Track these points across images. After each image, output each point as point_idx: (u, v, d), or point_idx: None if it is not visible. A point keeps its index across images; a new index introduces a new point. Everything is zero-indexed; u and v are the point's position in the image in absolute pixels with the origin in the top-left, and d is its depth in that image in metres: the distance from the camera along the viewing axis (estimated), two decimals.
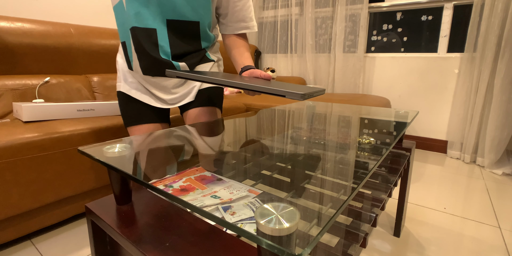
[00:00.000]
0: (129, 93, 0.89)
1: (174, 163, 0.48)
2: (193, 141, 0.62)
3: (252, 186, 0.41)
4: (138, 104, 0.90)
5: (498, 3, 1.64)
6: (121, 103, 0.91)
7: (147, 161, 0.48)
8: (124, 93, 0.90)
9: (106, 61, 1.68)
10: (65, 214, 1.06)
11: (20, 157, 0.88)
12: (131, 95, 0.89)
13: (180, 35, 0.82)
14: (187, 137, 0.64)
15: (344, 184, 0.39)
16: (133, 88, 0.89)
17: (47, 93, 1.38)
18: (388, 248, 0.99)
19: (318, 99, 1.82)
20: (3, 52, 1.30)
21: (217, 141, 0.62)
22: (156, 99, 0.91)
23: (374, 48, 2.30)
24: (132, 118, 0.89)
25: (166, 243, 0.40)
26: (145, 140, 0.61)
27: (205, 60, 0.91)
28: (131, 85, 0.89)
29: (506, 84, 1.67)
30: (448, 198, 1.36)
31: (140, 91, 0.89)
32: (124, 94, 0.90)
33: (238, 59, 0.85)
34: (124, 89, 0.90)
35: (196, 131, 0.70)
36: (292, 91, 0.51)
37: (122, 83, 0.90)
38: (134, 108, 0.89)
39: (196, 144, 0.59)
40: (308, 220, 0.32)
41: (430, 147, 2.14)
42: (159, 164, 0.47)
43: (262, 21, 2.81)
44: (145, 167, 0.46)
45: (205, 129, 0.73)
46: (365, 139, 0.63)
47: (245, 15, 0.87)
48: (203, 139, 0.63)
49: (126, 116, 0.90)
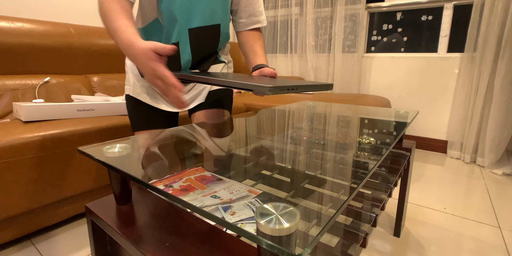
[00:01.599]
0: (138, 97, 0.87)
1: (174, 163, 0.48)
2: (193, 141, 0.62)
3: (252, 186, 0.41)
4: (146, 108, 0.87)
5: (498, 3, 1.64)
6: (130, 106, 0.89)
7: (147, 161, 0.48)
8: (133, 97, 0.88)
9: (106, 61, 1.68)
10: (65, 214, 1.06)
11: (20, 157, 0.88)
12: (141, 99, 0.87)
13: (202, 42, 0.81)
14: (187, 138, 0.64)
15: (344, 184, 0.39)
16: (142, 92, 0.87)
17: (47, 93, 1.38)
18: (388, 248, 0.99)
19: (318, 99, 1.82)
20: (3, 52, 1.30)
21: (217, 141, 0.62)
22: (166, 103, 0.89)
23: (374, 48, 2.30)
24: (141, 123, 0.88)
25: (166, 243, 0.40)
26: (145, 140, 0.61)
27: (216, 62, 0.91)
28: (141, 89, 0.87)
29: (506, 84, 1.67)
30: (448, 198, 1.36)
31: (149, 96, 0.87)
32: (133, 98, 0.88)
33: (250, 58, 0.82)
34: (133, 94, 0.87)
35: (196, 132, 0.70)
36: (260, 85, 0.46)
37: (132, 87, 0.88)
38: (143, 112, 0.87)
39: (196, 144, 0.59)
40: (308, 220, 0.32)
41: (430, 147, 2.14)
42: (159, 164, 0.47)
43: None
44: (145, 167, 0.46)
45: (205, 130, 0.73)
46: (365, 139, 0.63)
47: (255, 9, 0.85)
48: (203, 139, 0.63)
49: (134, 121, 0.88)
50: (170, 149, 0.55)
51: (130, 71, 0.89)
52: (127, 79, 0.90)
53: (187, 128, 0.73)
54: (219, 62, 0.91)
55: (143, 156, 0.51)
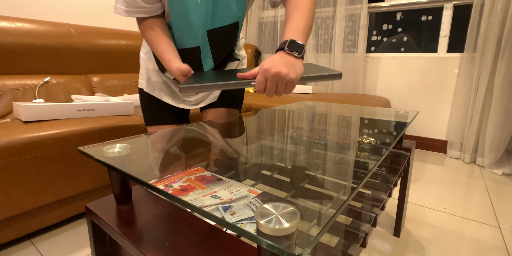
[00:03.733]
0: (152, 93, 0.88)
1: (174, 163, 0.48)
2: (193, 141, 0.62)
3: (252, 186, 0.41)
4: (159, 103, 0.89)
5: (498, 3, 1.64)
6: (143, 101, 0.91)
7: (147, 161, 0.48)
8: (147, 92, 0.89)
9: (106, 61, 1.68)
10: (65, 214, 1.06)
11: (20, 157, 0.88)
12: (154, 95, 0.88)
13: (222, 43, 0.79)
14: (187, 137, 0.64)
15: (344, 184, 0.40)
16: (156, 88, 0.88)
17: (47, 93, 1.38)
18: (388, 248, 0.99)
19: (318, 99, 1.82)
20: (3, 52, 1.30)
21: (218, 141, 0.62)
22: (179, 99, 0.90)
23: (374, 48, 2.30)
24: (153, 118, 0.90)
25: (166, 243, 0.40)
26: (145, 140, 0.61)
27: (231, 59, 0.91)
28: (155, 84, 0.88)
29: (506, 84, 1.67)
30: (448, 198, 1.36)
31: (163, 92, 0.88)
32: (146, 93, 0.89)
33: (284, 31, 0.65)
34: (147, 89, 0.88)
35: (196, 131, 0.70)
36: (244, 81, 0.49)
37: (145, 82, 0.88)
38: (156, 108, 0.89)
39: (196, 144, 0.59)
40: (308, 220, 0.32)
41: (430, 147, 2.14)
42: (160, 164, 0.47)
43: (262, 21, 2.81)
44: (145, 167, 0.46)
45: (206, 129, 0.73)
46: (365, 139, 0.63)
47: None
48: (203, 139, 0.63)
49: (147, 115, 0.91)
50: (170, 149, 0.55)
51: (144, 65, 0.88)
52: (141, 73, 0.90)
53: (188, 129, 0.73)
54: (234, 60, 0.91)
55: (144, 156, 0.51)
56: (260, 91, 0.52)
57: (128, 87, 1.71)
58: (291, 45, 0.55)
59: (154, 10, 0.70)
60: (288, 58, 0.53)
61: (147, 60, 0.87)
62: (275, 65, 0.50)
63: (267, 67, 0.50)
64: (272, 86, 0.51)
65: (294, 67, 0.52)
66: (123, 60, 1.76)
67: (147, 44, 0.83)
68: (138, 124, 1.18)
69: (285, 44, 0.55)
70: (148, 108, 0.90)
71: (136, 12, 0.69)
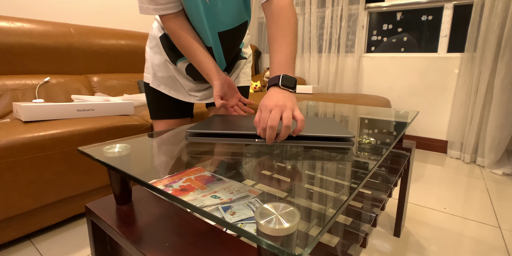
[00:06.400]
0: (158, 88, 0.88)
1: (174, 163, 0.48)
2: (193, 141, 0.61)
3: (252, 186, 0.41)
4: (165, 98, 0.89)
5: (498, 3, 1.64)
6: (148, 95, 0.91)
7: (147, 161, 0.48)
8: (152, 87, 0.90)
9: (106, 61, 1.68)
10: (65, 214, 1.06)
11: (20, 157, 0.88)
12: (160, 90, 0.88)
13: (232, 42, 0.80)
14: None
15: (344, 184, 0.39)
16: (162, 83, 0.88)
17: (47, 93, 1.38)
18: (388, 248, 0.99)
19: (318, 99, 1.82)
20: (3, 52, 1.30)
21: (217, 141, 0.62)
22: (186, 93, 0.90)
23: (374, 48, 2.30)
24: (159, 113, 0.91)
25: (166, 243, 0.40)
26: (145, 140, 0.61)
27: (239, 58, 0.91)
28: (161, 80, 0.88)
29: (506, 84, 1.67)
30: (448, 198, 1.36)
31: (169, 87, 0.88)
32: (152, 88, 0.89)
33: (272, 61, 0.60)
34: (153, 84, 0.88)
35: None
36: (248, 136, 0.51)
37: (151, 77, 0.88)
38: (161, 102, 0.90)
39: (196, 144, 0.59)
40: (308, 220, 0.32)
41: (430, 147, 2.14)
42: (160, 163, 0.47)
43: (262, 21, 2.81)
44: (145, 167, 0.46)
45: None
46: (365, 139, 0.63)
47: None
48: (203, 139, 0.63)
49: (153, 110, 0.91)
50: (170, 149, 0.55)
51: (150, 60, 0.88)
52: (146, 67, 0.90)
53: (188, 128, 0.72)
54: (241, 58, 0.92)
55: (143, 156, 0.51)
56: (263, 126, 0.51)
57: (128, 87, 1.71)
58: (284, 80, 0.55)
59: (178, 5, 0.70)
60: (284, 92, 0.54)
61: (153, 55, 0.87)
62: (275, 100, 0.52)
63: (267, 103, 0.51)
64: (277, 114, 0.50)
65: (291, 101, 0.53)
66: (123, 60, 1.76)
67: (156, 39, 0.84)
68: (138, 124, 1.18)
69: (278, 79, 0.55)
70: (154, 103, 0.91)
71: (163, 9, 0.69)
